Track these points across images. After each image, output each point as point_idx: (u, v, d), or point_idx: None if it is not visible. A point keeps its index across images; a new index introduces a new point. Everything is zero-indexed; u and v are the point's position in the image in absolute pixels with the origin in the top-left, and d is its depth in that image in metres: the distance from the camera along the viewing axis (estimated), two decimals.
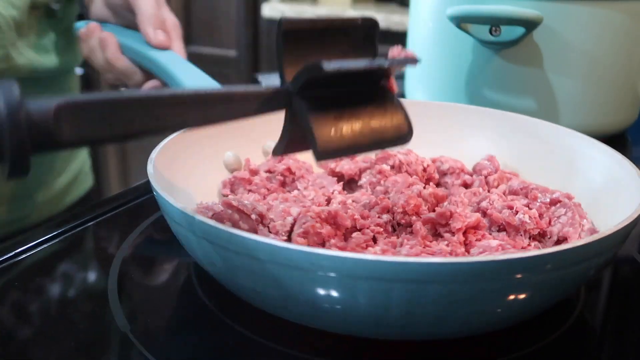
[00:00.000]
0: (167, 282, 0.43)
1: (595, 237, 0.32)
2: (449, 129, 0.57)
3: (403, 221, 0.43)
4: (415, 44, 0.77)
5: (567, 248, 0.31)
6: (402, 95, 0.81)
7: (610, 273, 0.48)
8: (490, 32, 0.65)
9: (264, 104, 0.32)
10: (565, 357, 0.37)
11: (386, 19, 1.61)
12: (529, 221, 0.42)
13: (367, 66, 0.33)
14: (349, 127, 0.33)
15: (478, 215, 0.43)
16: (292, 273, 0.31)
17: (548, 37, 0.64)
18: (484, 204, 0.45)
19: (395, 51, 0.40)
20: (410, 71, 0.79)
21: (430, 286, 0.30)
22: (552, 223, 0.44)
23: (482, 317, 0.33)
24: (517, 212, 0.43)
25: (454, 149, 0.56)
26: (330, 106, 0.33)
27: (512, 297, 0.32)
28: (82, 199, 0.85)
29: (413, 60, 0.36)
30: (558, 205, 0.45)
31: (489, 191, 0.50)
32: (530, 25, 0.63)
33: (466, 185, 0.52)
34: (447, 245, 0.40)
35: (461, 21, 0.65)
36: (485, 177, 0.52)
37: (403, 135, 0.35)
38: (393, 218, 0.44)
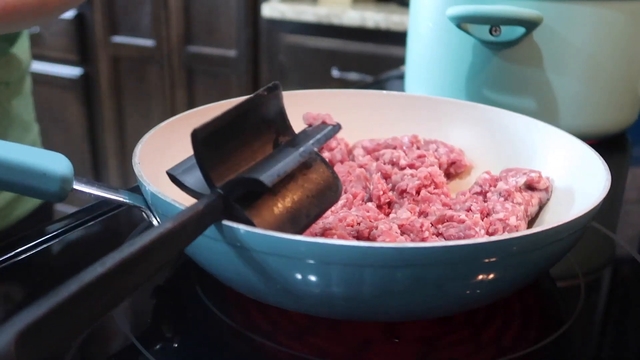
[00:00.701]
0: (167, 282, 0.43)
1: (558, 222, 0.33)
2: (418, 120, 0.58)
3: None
4: (415, 44, 0.77)
5: (537, 231, 0.32)
6: None
7: (610, 273, 0.48)
8: (490, 32, 0.65)
9: (201, 222, 0.31)
10: (566, 357, 0.37)
11: (386, 19, 1.60)
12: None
13: (301, 160, 0.35)
14: (288, 207, 0.35)
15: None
16: (271, 259, 0.32)
17: (548, 37, 0.64)
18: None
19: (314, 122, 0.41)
20: (410, 72, 0.79)
21: (409, 270, 0.31)
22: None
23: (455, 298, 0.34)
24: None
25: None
26: (265, 197, 0.34)
27: (481, 277, 0.33)
28: (34, 212, 0.77)
29: (336, 128, 0.37)
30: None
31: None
32: (530, 25, 0.63)
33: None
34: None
35: (461, 21, 0.65)
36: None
37: (335, 191, 0.38)
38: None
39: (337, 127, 0.37)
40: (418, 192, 0.46)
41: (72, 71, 2.09)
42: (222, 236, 0.32)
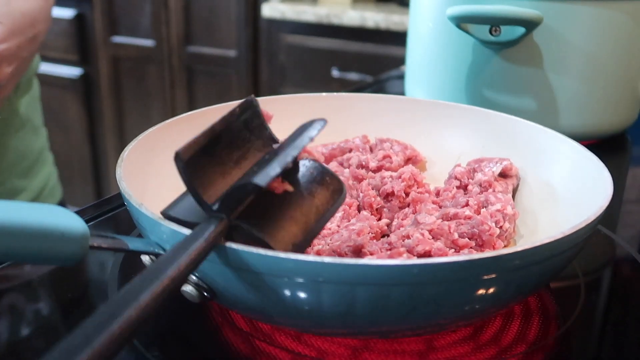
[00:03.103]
0: None
1: (561, 234, 0.32)
2: (419, 124, 0.57)
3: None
4: (415, 44, 0.77)
5: (535, 246, 0.31)
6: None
7: (610, 273, 0.48)
8: (490, 32, 0.65)
9: (206, 247, 0.29)
10: (566, 357, 0.37)
11: (386, 19, 1.60)
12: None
13: (294, 157, 0.32)
14: (295, 215, 0.33)
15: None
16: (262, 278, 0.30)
17: (548, 37, 0.64)
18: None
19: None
20: (410, 72, 0.79)
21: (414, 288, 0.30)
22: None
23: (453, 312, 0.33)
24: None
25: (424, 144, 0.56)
26: (269, 208, 0.32)
27: (481, 292, 0.32)
28: None
29: (322, 122, 0.36)
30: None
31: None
32: (530, 25, 0.63)
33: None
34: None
35: (461, 21, 0.65)
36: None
37: (340, 190, 0.36)
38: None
39: (324, 122, 0.36)
40: (407, 194, 0.46)
41: (72, 71, 2.09)
42: (225, 260, 0.30)
